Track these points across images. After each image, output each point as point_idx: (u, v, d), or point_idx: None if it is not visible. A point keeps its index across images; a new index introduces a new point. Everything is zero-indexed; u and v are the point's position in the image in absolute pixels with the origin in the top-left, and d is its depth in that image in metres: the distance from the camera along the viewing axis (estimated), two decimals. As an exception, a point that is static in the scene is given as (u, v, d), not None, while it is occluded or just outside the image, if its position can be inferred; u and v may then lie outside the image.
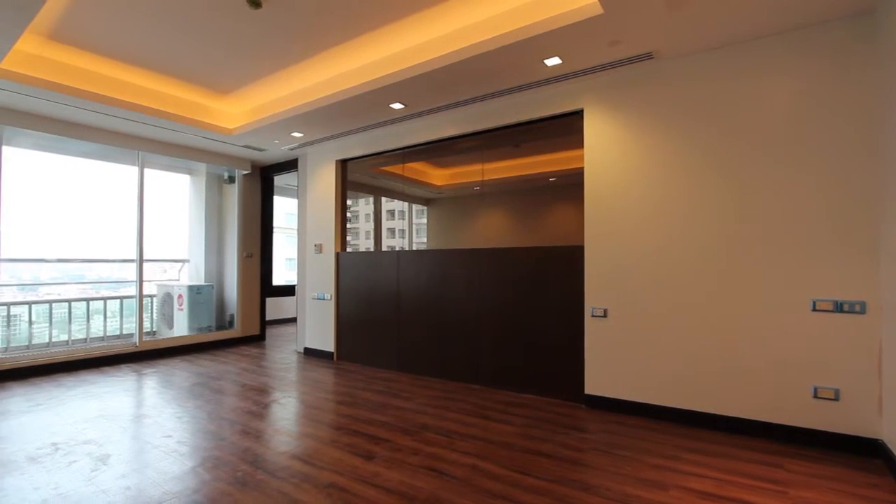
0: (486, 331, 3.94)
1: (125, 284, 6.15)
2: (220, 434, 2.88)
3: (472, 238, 4.24)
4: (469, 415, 3.22)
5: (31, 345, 5.24)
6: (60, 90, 3.69)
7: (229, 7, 2.89)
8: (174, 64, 3.75)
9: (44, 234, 5.40)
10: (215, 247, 6.56)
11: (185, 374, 4.45)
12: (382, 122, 4.43)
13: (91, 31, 3.25)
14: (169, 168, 6.26)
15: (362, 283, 4.93)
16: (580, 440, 2.75)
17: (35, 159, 5.10)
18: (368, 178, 5.23)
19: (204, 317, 6.10)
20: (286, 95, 4.30)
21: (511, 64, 3.12)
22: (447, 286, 4.23)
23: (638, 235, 3.19)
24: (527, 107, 3.72)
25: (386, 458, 2.51)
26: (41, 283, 6.09)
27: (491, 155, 4.12)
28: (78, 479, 2.27)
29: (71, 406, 3.45)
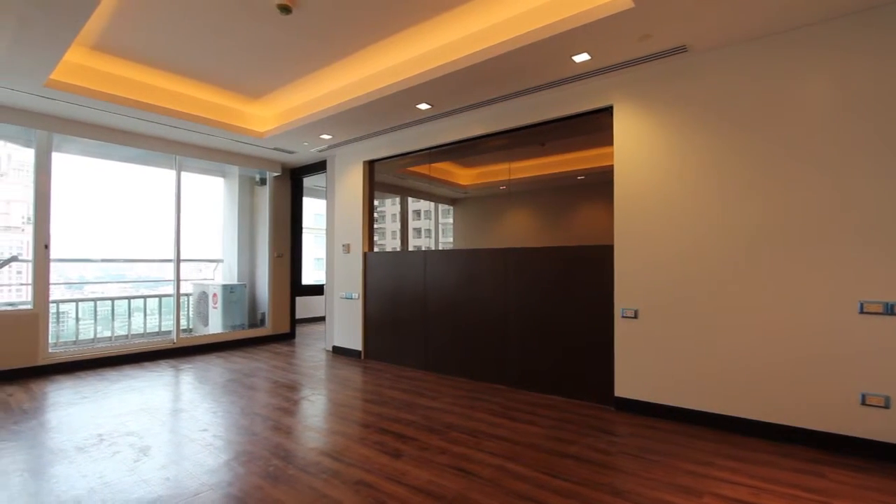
0: (513, 331, 3.92)
1: (163, 283, 6.41)
2: (253, 429, 2.96)
3: (498, 238, 4.22)
4: (495, 415, 3.20)
5: (78, 340, 5.53)
6: (105, 98, 3.88)
7: (261, 14, 2.96)
8: (209, 70, 3.88)
9: (89, 236, 5.68)
10: (247, 247, 6.76)
11: (220, 371, 4.60)
12: (409, 123, 4.46)
13: (131, 42, 3.39)
14: (204, 171, 6.49)
15: (389, 283, 4.98)
16: (609, 443, 2.70)
17: (81, 165, 5.37)
18: (395, 179, 5.28)
19: (237, 315, 6.29)
20: (315, 98, 4.39)
21: (538, 61, 3.09)
22: (474, 286, 4.22)
23: (670, 234, 3.11)
24: (554, 104, 3.67)
25: (413, 456, 2.53)
26: (86, 282, 6.42)
27: (518, 154, 4.09)
28: (121, 468, 2.38)
29: (114, 399, 3.62)
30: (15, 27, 2.74)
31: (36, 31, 2.76)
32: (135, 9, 2.94)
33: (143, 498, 2.08)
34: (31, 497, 2.09)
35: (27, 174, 4.51)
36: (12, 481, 2.24)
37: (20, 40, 2.87)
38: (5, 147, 5.02)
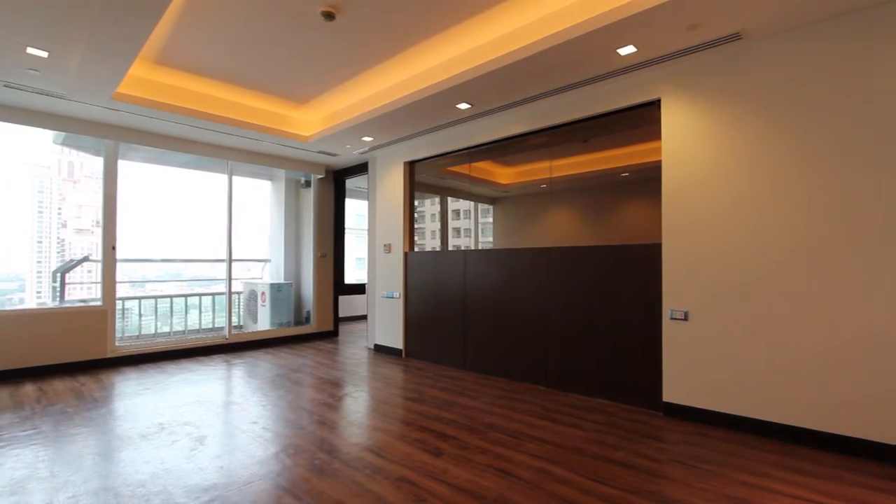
0: (555, 332, 3.85)
1: (216, 282, 6.75)
2: (299, 423, 3.07)
3: (539, 237, 4.16)
4: (537, 417, 3.16)
5: (141, 335, 5.93)
6: (165, 108, 4.13)
7: (306, 22, 3.06)
8: (258, 78, 4.05)
9: (149, 237, 6.07)
10: (293, 247, 7.01)
11: (268, 366, 4.79)
12: (449, 123, 4.48)
13: (188, 55, 3.60)
14: (253, 175, 6.79)
15: (430, 282, 5.02)
16: (657, 450, 2.60)
17: (142, 171, 5.75)
18: (435, 179, 5.31)
19: (283, 313, 6.53)
20: (357, 102, 4.49)
21: (581, 56, 3.02)
22: (515, 285, 4.18)
23: (723, 232, 2.95)
24: (598, 99, 3.58)
25: (454, 455, 2.53)
26: (148, 281, 6.86)
27: (559, 151, 4.01)
28: (179, 456, 2.53)
29: (173, 391, 3.84)
30: (86, 47, 2.97)
31: (104, 49, 2.98)
32: (191, 24, 3.11)
33: (199, 485, 2.20)
34: (102, 479, 2.25)
35: (97, 181, 4.88)
36: (86, 463, 2.43)
37: (91, 58, 3.10)
38: (78, 156, 5.45)
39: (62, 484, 2.20)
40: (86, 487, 2.17)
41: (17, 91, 3.76)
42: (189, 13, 2.99)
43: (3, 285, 16.33)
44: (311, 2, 2.83)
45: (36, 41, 2.98)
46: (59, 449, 2.62)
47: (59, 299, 5.80)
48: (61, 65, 3.30)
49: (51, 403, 3.46)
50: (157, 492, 2.13)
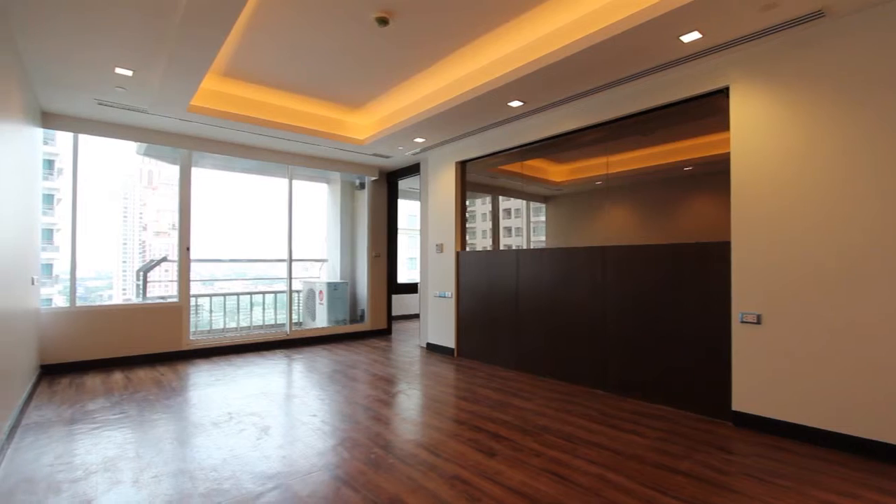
0: (613, 333, 3.71)
1: (277, 281, 7.11)
2: (356, 417, 3.16)
3: (595, 235, 4.03)
4: (593, 421, 3.06)
5: (211, 330, 6.36)
6: (232, 118, 4.40)
7: (361, 29, 3.15)
8: (315, 85, 4.22)
9: (217, 239, 6.51)
10: (349, 247, 7.24)
11: (326, 362, 4.98)
12: (500, 122, 4.44)
13: (252, 66, 3.81)
14: (311, 178, 7.08)
15: (482, 282, 5.00)
16: (726, 462, 2.43)
17: (211, 177, 6.17)
18: (486, 178, 5.29)
19: (340, 311, 6.77)
20: (409, 104, 4.56)
21: (640, 46, 2.89)
22: (569, 285, 4.08)
23: (802, 227, 2.71)
24: (658, 91, 3.41)
25: (507, 456, 2.51)
26: (216, 279, 7.36)
27: (616, 146, 3.86)
28: (247, 444, 2.69)
29: (240, 383, 4.09)
30: (165, 64, 3.23)
31: (180, 65, 3.22)
32: (254, 38, 3.29)
33: (265, 472, 2.32)
34: (180, 462, 2.44)
35: (173, 187, 5.29)
36: (166, 447, 2.64)
37: (169, 75, 3.37)
38: (156, 165, 5.93)
39: (146, 464, 2.40)
40: (166, 469, 2.35)
41: (107, 107, 4.15)
42: (252, 28, 3.17)
43: (95, 283, 17.96)
44: (365, 9, 2.91)
45: (123, 61, 3.28)
46: (143, 433, 2.86)
47: (142, 296, 6.35)
48: (144, 82, 3.61)
49: (136, 391, 3.79)
50: (227, 476, 2.27)
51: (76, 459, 2.46)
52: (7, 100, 2.72)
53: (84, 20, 2.77)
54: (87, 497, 2.07)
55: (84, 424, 2.99)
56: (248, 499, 2.06)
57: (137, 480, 2.23)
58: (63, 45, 3.04)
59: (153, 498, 2.06)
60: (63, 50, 3.11)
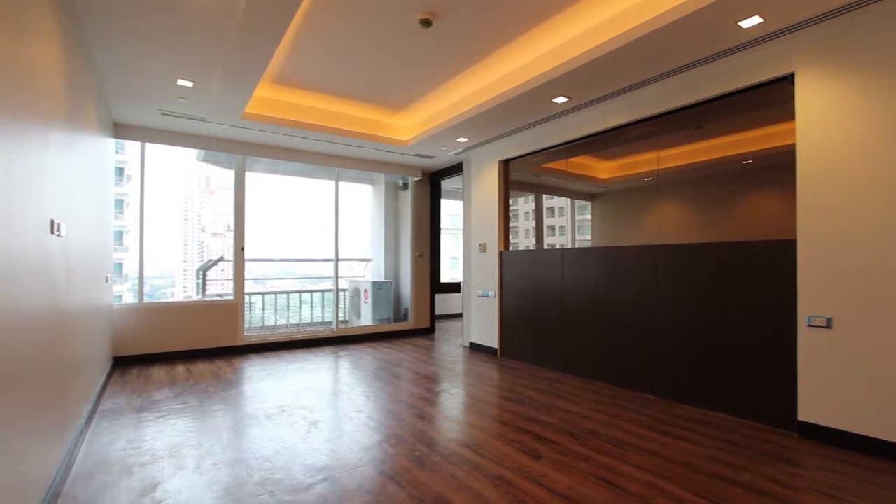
0: (664, 336, 3.56)
1: (324, 280, 7.34)
2: (400, 415, 3.21)
3: (644, 234, 3.88)
4: (643, 427, 2.94)
5: (263, 326, 6.66)
6: (283, 123, 4.59)
7: (405, 32, 3.19)
8: (360, 88, 4.32)
9: (268, 239, 6.80)
10: (392, 247, 7.36)
11: (371, 359, 5.09)
12: (544, 119, 4.37)
13: (300, 73, 3.95)
14: (356, 180, 7.26)
15: (526, 282, 4.94)
16: (791, 475, 2.27)
17: (262, 180, 6.45)
18: (530, 176, 5.22)
19: (384, 309, 6.89)
20: (452, 104, 4.58)
21: (694, 35, 2.75)
22: (617, 285, 3.95)
23: (878, 224, 2.48)
24: (714, 81, 3.23)
25: (553, 459, 2.46)
26: (267, 278, 7.69)
27: (667, 140, 3.70)
28: (297, 437, 2.79)
29: (290, 378, 4.25)
30: (222, 75, 3.41)
31: (236, 75, 3.39)
32: (303, 46, 3.41)
33: (314, 464, 2.40)
34: (236, 451, 2.57)
35: (228, 191, 5.58)
36: (223, 437, 2.78)
37: (226, 84, 3.56)
38: (213, 170, 6.29)
39: (206, 452, 2.55)
40: (224, 457, 2.48)
41: (170, 117, 4.44)
42: (300, 37, 3.28)
43: (159, 281, 19.20)
44: (409, 11, 2.94)
45: (184, 73, 3.49)
46: (203, 422, 3.04)
47: (201, 294, 6.74)
48: (203, 92, 3.83)
49: (196, 382, 4.03)
50: (280, 467, 2.37)
51: (145, 445, 2.65)
52: (85, 114, 2.97)
53: (150, 36, 2.97)
54: (156, 480, 2.22)
55: (151, 413, 3.21)
56: (300, 489, 2.13)
57: (199, 467, 2.36)
58: (132, 59, 3.28)
59: (213, 484, 2.18)
60: (132, 64, 3.35)
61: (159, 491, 2.12)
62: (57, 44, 2.16)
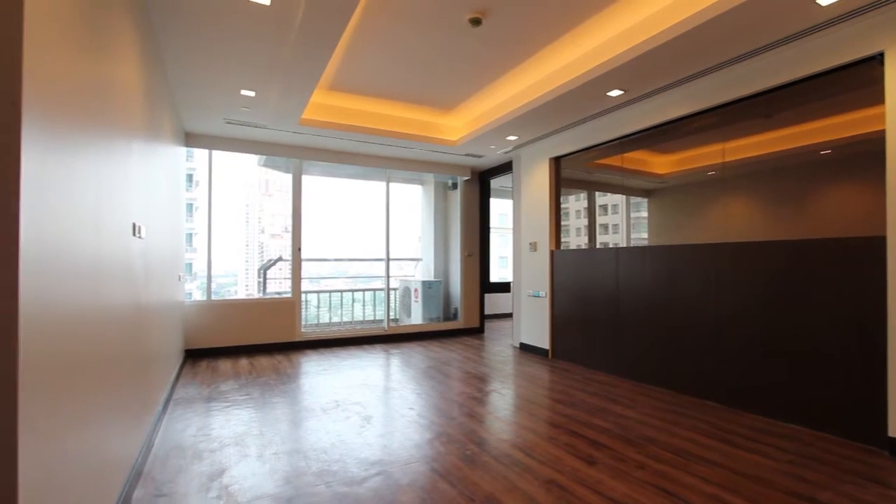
0: (730, 339, 3.34)
1: (375, 279, 7.52)
2: (450, 413, 3.22)
3: (706, 232, 3.66)
4: (706, 435, 2.78)
5: (319, 323, 6.92)
6: (337, 127, 4.75)
7: (454, 32, 3.20)
8: (410, 91, 4.39)
9: (322, 240, 7.06)
10: (442, 247, 7.42)
11: (421, 358, 5.15)
12: (597, 114, 4.23)
13: (353, 78, 4.07)
14: (406, 181, 7.38)
15: (578, 282, 4.81)
16: (882, 497, 2.06)
17: (317, 183, 6.71)
18: (582, 174, 5.08)
19: (433, 308, 6.96)
20: (501, 102, 4.54)
21: (766, 16, 2.56)
22: (676, 286, 3.75)
23: None
24: (787, 65, 2.99)
25: (608, 465, 2.38)
26: (322, 277, 7.98)
27: (732, 131, 3.47)
28: (352, 431, 2.88)
29: (344, 373, 4.39)
30: (281, 83, 3.59)
31: (294, 83, 3.55)
32: (355, 53, 3.51)
33: (368, 458, 2.47)
34: (295, 442, 2.69)
35: (285, 194, 5.86)
36: (282, 428, 2.92)
37: (284, 92, 3.73)
38: (272, 174, 6.62)
39: (268, 442, 2.69)
40: (284, 447, 2.61)
41: (234, 126, 4.72)
42: (353, 44, 3.38)
43: (223, 280, 20.51)
44: (459, 11, 2.95)
45: (247, 84, 3.70)
46: (265, 413, 3.20)
47: (262, 291, 7.12)
48: (263, 101, 4.04)
49: (258, 375, 4.26)
50: (335, 459, 2.45)
51: (213, 432, 2.83)
52: (161, 125, 3.22)
53: (218, 52, 3.17)
54: (223, 466, 2.37)
55: (218, 402, 3.43)
56: (354, 482, 2.20)
57: (261, 455, 2.50)
58: (201, 74, 3.52)
59: (274, 472, 2.30)
60: (201, 78, 3.60)
61: (226, 476, 2.26)
62: (137, 63, 2.35)
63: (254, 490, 2.12)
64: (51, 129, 1.13)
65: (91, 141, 1.51)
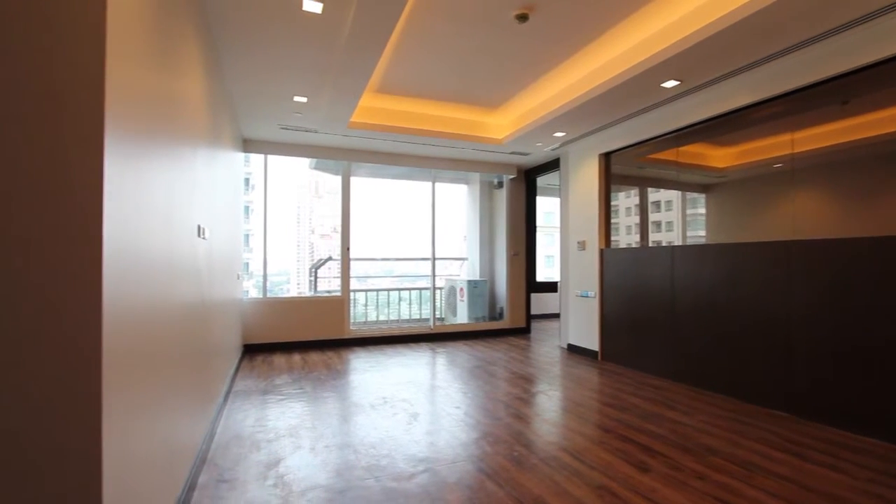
0: (801, 344, 3.10)
1: (420, 278, 7.61)
2: (496, 414, 3.20)
3: (774, 228, 3.42)
4: (773, 447, 2.60)
5: (366, 321, 7.09)
6: (384, 129, 4.85)
7: (501, 29, 3.18)
8: (456, 90, 4.40)
9: (369, 239, 7.22)
10: (487, 246, 7.39)
11: (466, 357, 5.16)
12: (650, 107, 4.06)
13: (399, 81, 4.13)
14: (451, 180, 7.42)
15: (630, 281, 4.64)
16: (983, 524, 1.84)
17: (365, 184, 6.87)
18: (633, 169, 4.89)
19: (479, 308, 6.94)
20: (548, 99, 4.45)
21: (837, -4, 2.35)
22: (740, 286, 3.53)
23: None
24: (869, 45, 2.73)
25: (663, 474, 2.28)
26: (369, 276, 8.17)
27: (803, 120, 3.21)
28: (399, 427, 2.93)
29: (391, 371, 4.48)
30: (332, 89, 3.70)
31: (343, 88, 3.66)
32: (402, 55, 3.57)
33: (416, 455, 2.50)
34: (345, 436, 2.77)
35: (334, 195, 6.04)
36: (333, 422, 3.02)
37: (335, 97, 3.85)
38: (322, 176, 6.86)
39: (320, 435, 2.78)
40: (335, 441, 2.69)
41: (288, 131, 4.93)
42: (400, 45, 3.43)
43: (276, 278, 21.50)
44: (505, 7, 2.92)
45: (300, 90, 3.85)
46: (317, 407, 3.32)
47: (313, 290, 7.39)
48: (315, 106, 4.19)
49: (310, 370, 4.42)
50: (384, 454, 2.50)
51: (269, 423, 2.97)
52: (222, 133, 3.42)
53: (273, 62, 3.32)
54: (279, 456, 2.48)
55: (273, 395, 3.60)
56: (402, 478, 2.23)
57: (313, 448, 2.59)
58: (258, 83, 3.70)
59: (325, 465, 2.38)
60: (258, 87, 3.78)
61: (282, 466, 2.36)
62: (201, 76, 2.51)
63: (307, 480, 2.20)
64: (128, 140, 1.23)
65: (161, 149, 1.63)
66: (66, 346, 0.99)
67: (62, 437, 0.99)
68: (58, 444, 0.98)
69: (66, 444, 0.99)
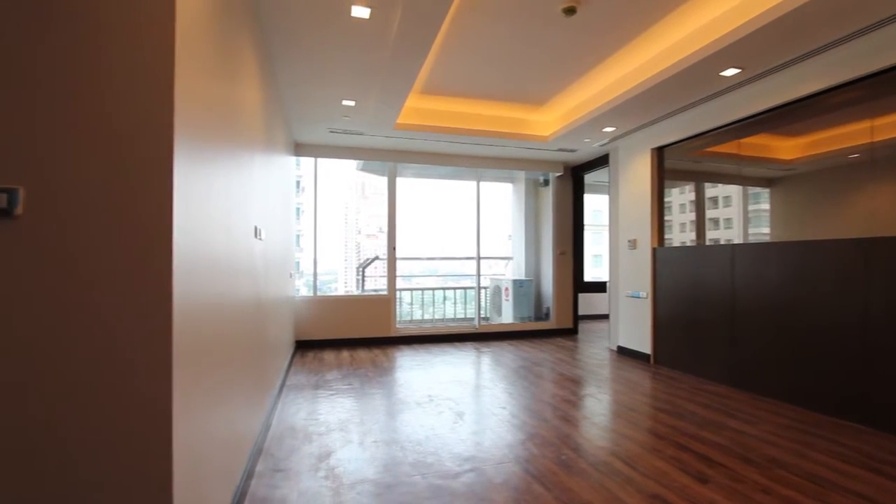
0: (879, 351, 2.84)
1: (465, 277, 7.61)
2: (543, 415, 3.15)
3: (850, 225, 3.14)
4: (845, 461, 2.39)
5: (412, 320, 7.19)
6: (429, 130, 4.89)
7: (547, 24, 3.12)
8: (501, 89, 4.36)
9: (414, 239, 7.31)
10: (533, 245, 7.28)
11: (512, 357, 5.11)
12: (707, 97, 3.84)
13: (444, 81, 4.15)
14: (496, 179, 7.37)
15: (685, 281, 4.42)
16: None
17: (410, 185, 6.96)
18: (688, 164, 4.65)
19: (524, 308, 6.86)
20: (596, 93, 4.32)
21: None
22: (807, 287, 3.28)
23: None
24: (958, 23, 2.46)
25: (724, 486, 2.15)
26: (414, 276, 8.27)
27: (885, 106, 2.93)
28: (445, 425, 2.94)
29: (437, 369, 4.51)
30: (378, 92, 3.78)
31: (390, 90, 3.73)
32: (447, 55, 3.58)
33: (462, 454, 2.51)
34: (392, 432, 2.82)
35: (380, 196, 6.17)
36: (381, 418, 3.09)
37: (381, 100, 3.93)
38: (368, 177, 7.01)
39: (368, 430, 2.85)
40: (382, 437, 2.75)
41: (336, 134, 5.08)
42: (445, 46, 3.44)
43: (325, 277, 22.27)
44: (552, 1, 2.86)
45: (348, 94, 3.96)
46: (365, 403, 3.41)
47: (361, 288, 7.58)
48: (362, 109, 4.29)
49: (358, 367, 4.54)
50: (430, 451, 2.53)
51: (320, 417, 3.08)
52: (276, 138, 3.58)
53: (324, 68, 3.44)
54: (330, 449, 2.57)
55: (324, 390, 3.72)
56: (448, 476, 2.25)
57: (362, 442, 2.66)
58: (309, 89, 3.84)
59: (374, 459, 2.43)
60: (309, 93, 3.93)
61: (332, 459, 2.44)
62: (257, 84, 2.63)
63: (356, 474, 2.26)
64: (193, 147, 1.31)
65: (222, 154, 1.72)
66: (141, 342, 1.07)
67: (138, 424, 1.07)
68: (133, 429, 1.06)
69: (140, 430, 1.07)
